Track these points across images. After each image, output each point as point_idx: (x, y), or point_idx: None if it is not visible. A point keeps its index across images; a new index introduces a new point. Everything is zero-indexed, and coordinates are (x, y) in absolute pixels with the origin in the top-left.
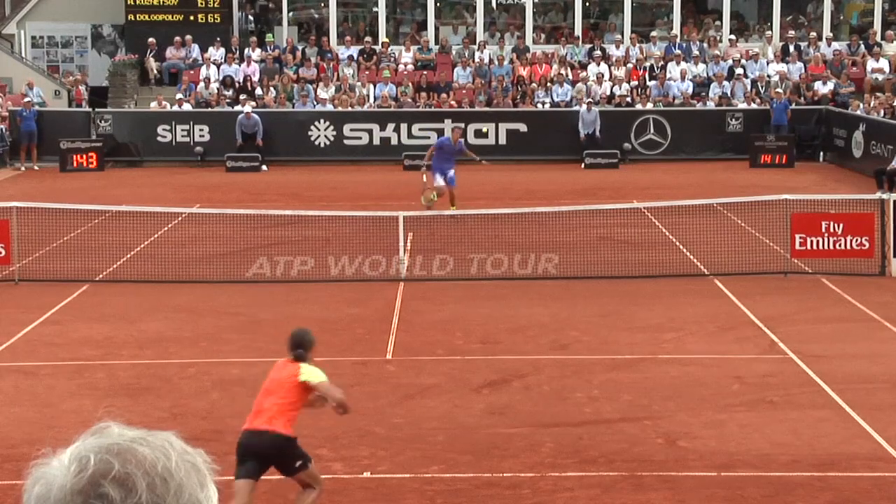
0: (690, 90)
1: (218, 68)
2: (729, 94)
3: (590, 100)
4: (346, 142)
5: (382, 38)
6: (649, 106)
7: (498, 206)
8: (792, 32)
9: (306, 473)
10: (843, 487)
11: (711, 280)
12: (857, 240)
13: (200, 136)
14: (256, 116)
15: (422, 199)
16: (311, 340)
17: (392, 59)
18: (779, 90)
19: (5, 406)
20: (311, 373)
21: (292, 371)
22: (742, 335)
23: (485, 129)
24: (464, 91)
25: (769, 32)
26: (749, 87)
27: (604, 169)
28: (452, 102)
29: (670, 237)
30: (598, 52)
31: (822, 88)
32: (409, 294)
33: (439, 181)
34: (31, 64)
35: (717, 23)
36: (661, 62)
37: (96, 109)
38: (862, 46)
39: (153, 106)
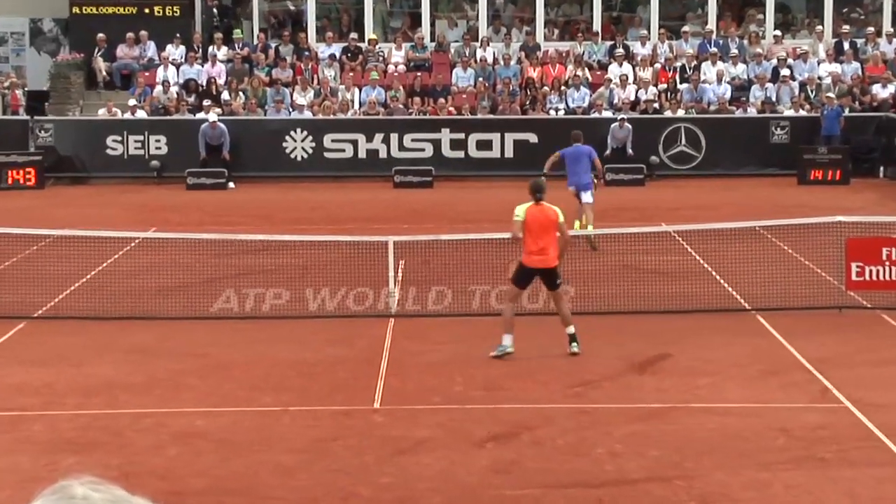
0: (728, 94)
1: (177, 69)
2: (773, 100)
3: (623, 116)
4: (326, 155)
5: (369, 34)
6: (680, 113)
7: (504, 229)
8: (846, 28)
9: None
10: None
11: (753, 316)
12: None
13: (157, 148)
14: (223, 126)
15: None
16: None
17: (381, 58)
18: (831, 94)
19: None
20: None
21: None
22: (789, 380)
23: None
24: (464, 96)
25: (820, 27)
26: (797, 91)
27: (627, 186)
28: (451, 109)
29: (705, 266)
30: (620, 51)
31: (882, 92)
32: (401, 332)
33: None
34: None
35: (760, 16)
36: (695, 62)
37: (35, 117)
38: None
39: (101, 113)
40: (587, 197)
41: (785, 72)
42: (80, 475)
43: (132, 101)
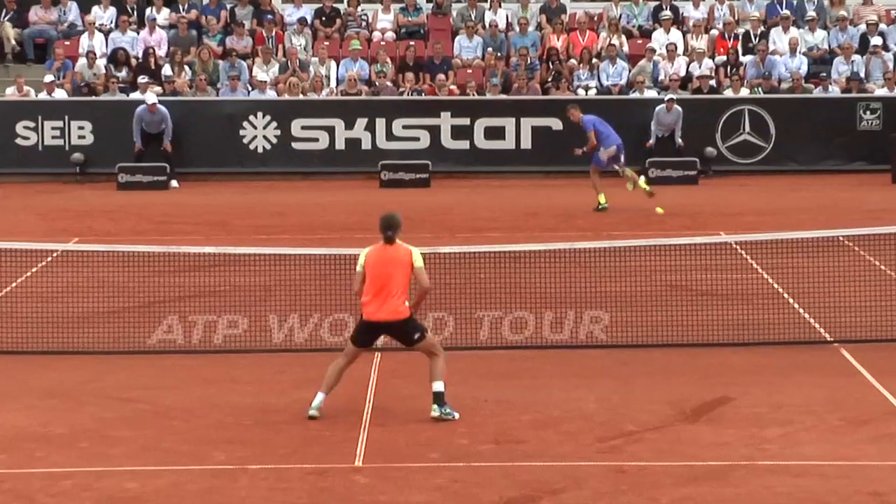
0: (804, 69)
1: (106, 37)
2: (861, 76)
3: (671, 96)
4: (295, 146)
5: None
6: (744, 93)
7: (520, 239)
8: None
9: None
10: None
11: (836, 349)
12: None
13: (80, 137)
14: (164, 109)
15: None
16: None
17: (363, 23)
18: None
19: None
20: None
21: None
22: (881, 431)
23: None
24: (469, 71)
25: None
26: (891, 66)
27: (676, 185)
28: (453, 87)
29: (775, 286)
30: (667, 14)
31: None
32: (389, 369)
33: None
34: None
35: None
36: (761, 28)
37: None
38: None
39: (10, 93)
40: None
41: (876, 40)
42: None
43: (49, 78)
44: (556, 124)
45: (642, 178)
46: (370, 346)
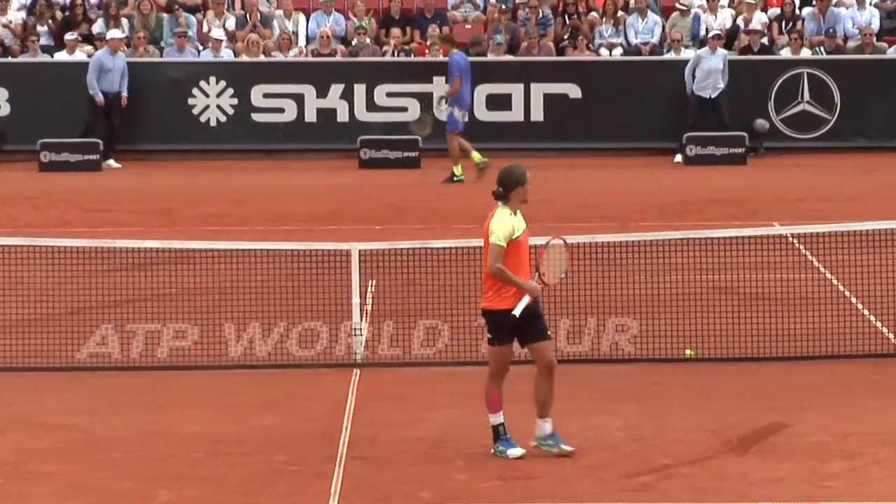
0: (876, 24)
1: None
2: None
3: (716, 31)
4: (256, 117)
5: None
6: (803, 53)
7: (529, 231)
8: None
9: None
10: None
11: None
12: None
13: None
14: (122, 55)
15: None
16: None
17: None
18: None
19: None
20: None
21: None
22: None
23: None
24: (467, 26)
25: None
26: None
27: (720, 165)
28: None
29: (840, 288)
30: None
31: None
32: (371, 390)
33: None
34: None
35: None
36: None
37: None
38: None
39: None
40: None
41: None
42: None
43: None
44: (573, 91)
45: (475, 153)
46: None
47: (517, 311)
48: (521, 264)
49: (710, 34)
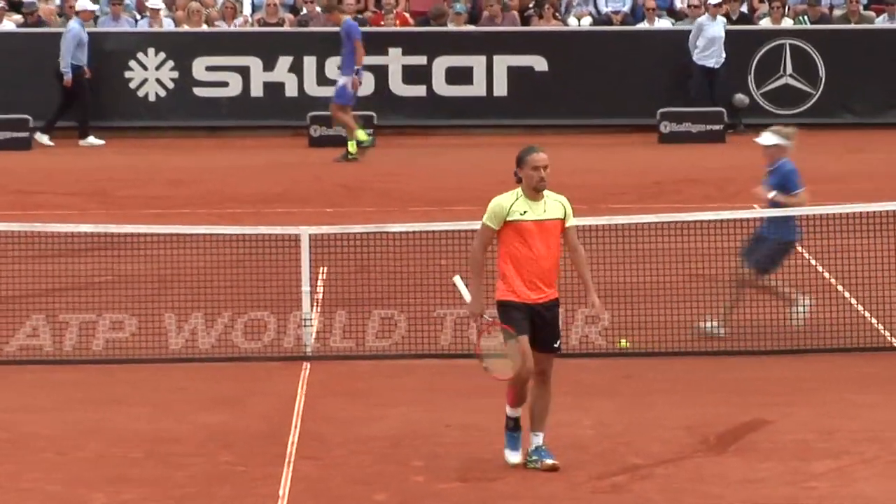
0: None
1: None
2: None
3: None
4: (197, 92)
5: None
6: (785, 23)
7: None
8: None
9: None
10: None
11: None
12: None
13: None
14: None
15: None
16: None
17: None
18: None
19: None
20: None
21: None
22: None
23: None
24: None
25: None
26: None
27: (697, 143)
28: (405, 14)
29: (826, 276)
30: None
31: None
32: (322, 385)
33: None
34: None
35: None
36: None
37: None
38: None
39: None
40: None
41: None
42: None
43: None
44: (539, 64)
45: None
46: None
47: (457, 280)
48: (531, 255)
49: (713, 1)
